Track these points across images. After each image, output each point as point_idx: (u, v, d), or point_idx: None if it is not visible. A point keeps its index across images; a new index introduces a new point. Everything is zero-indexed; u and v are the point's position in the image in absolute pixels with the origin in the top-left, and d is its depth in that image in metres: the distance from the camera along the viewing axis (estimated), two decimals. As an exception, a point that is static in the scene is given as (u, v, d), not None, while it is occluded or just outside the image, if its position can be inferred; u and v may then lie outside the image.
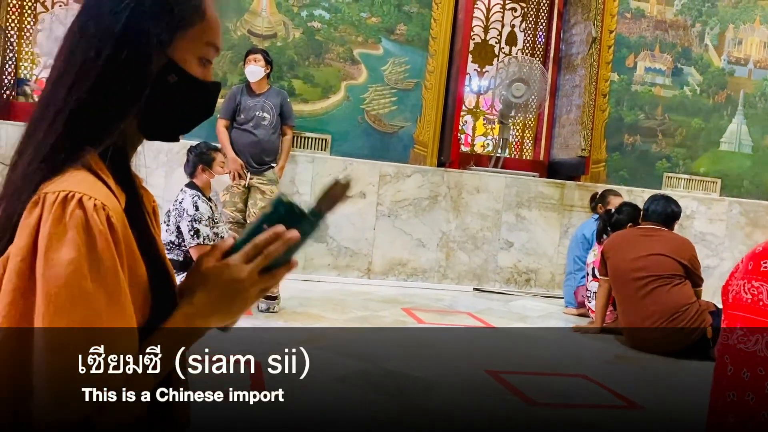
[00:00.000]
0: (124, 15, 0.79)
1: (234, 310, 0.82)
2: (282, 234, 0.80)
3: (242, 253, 0.80)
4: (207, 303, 0.80)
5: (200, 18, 0.85)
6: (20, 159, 0.78)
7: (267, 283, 0.82)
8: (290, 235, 0.80)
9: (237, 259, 0.80)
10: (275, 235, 0.80)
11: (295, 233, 0.80)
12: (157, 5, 0.80)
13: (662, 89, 6.20)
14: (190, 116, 0.89)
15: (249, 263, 0.80)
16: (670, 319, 3.66)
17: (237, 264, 0.80)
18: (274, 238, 0.80)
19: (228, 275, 0.80)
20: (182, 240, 3.61)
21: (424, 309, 4.41)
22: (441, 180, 5.51)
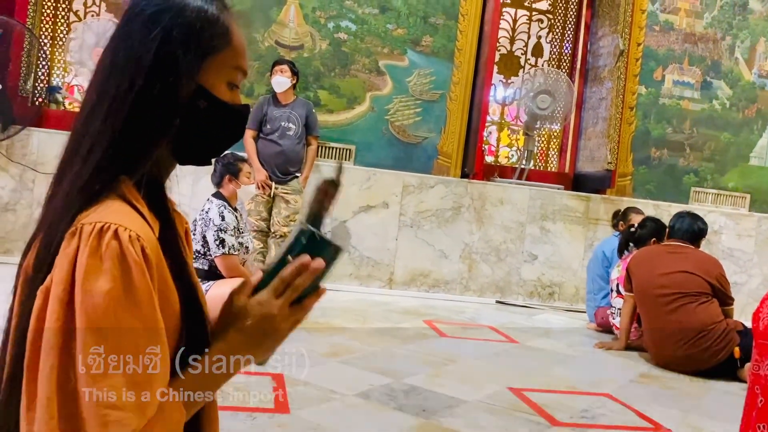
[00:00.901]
0: (154, 45, 0.80)
1: (268, 346, 0.83)
2: (308, 264, 0.81)
3: (271, 288, 0.81)
4: (241, 341, 0.81)
5: (227, 44, 0.86)
6: (57, 189, 0.80)
7: (298, 315, 0.82)
8: (316, 265, 0.81)
9: (267, 295, 0.81)
10: (302, 266, 0.80)
11: (321, 262, 0.81)
12: (185, 34, 0.82)
13: (691, 103, 6.12)
14: (221, 140, 0.91)
15: (279, 298, 0.81)
16: (696, 338, 3.60)
17: (267, 300, 0.81)
18: (300, 270, 0.81)
19: (259, 312, 0.81)
20: (208, 249, 3.65)
21: (446, 321, 4.39)
22: (464, 191, 5.50)
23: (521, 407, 2.69)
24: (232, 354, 0.81)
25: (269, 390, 2.50)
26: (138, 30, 0.81)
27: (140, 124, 0.79)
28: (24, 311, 0.74)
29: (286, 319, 0.81)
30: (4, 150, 4.77)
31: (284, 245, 0.84)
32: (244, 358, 0.82)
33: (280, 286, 0.81)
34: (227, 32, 0.86)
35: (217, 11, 0.85)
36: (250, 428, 2.13)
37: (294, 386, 2.58)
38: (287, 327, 0.82)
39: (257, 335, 0.81)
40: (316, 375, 2.75)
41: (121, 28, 0.84)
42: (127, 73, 0.80)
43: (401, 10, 5.48)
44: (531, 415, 2.60)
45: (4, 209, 4.82)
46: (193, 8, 0.83)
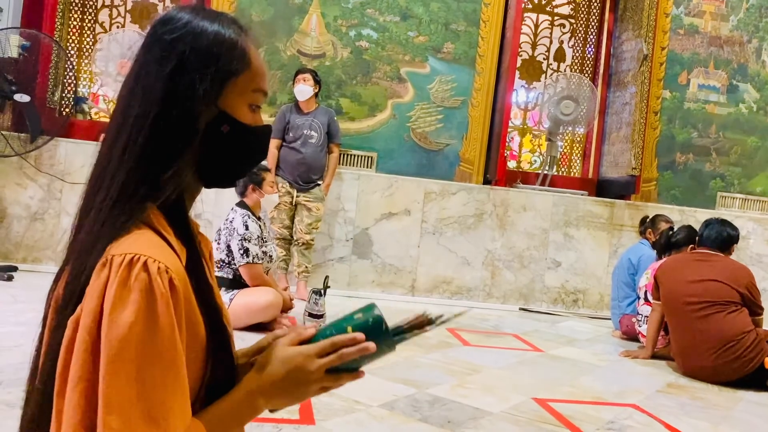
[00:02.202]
0: (170, 72, 0.81)
1: (292, 398, 0.84)
2: (360, 341, 0.82)
3: (318, 346, 0.83)
4: (271, 383, 0.82)
5: (246, 67, 0.87)
6: (84, 219, 0.81)
7: (330, 383, 0.84)
8: (368, 346, 0.82)
9: (311, 350, 0.82)
10: (353, 340, 0.82)
11: (372, 345, 0.82)
12: (202, 60, 0.83)
13: (716, 107, 6.04)
14: (245, 162, 0.92)
15: (321, 358, 0.82)
16: (726, 347, 3.54)
17: (310, 355, 0.82)
18: (351, 343, 0.82)
19: (298, 362, 0.82)
20: (232, 258, 3.68)
21: (470, 330, 4.37)
22: (487, 198, 5.48)
23: (547, 419, 2.66)
24: (260, 394, 0.82)
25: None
26: (155, 58, 0.82)
27: (159, 151, 0.80)
28: (54, 340, 0.75)
29: (318, 381, 0.83)
30: (33, 160, 4.86)
31: (349, 314, 0.85)
32: (270, 400, 0.83)
33: (327, 348, 0.82)
34: (245, 55, 0.87)
35: (234, 35, 0.86)
36: (276, 440, 2.13)
37: (318, 397, 2.58)
38: (315, 389, 0.83)
39: (287, 383, 0.82)
40: (340, 385, 2.75)
41: (141, 55, 0.85)
42: (144, 101, 0.81)
43: (422, 18, 5.48)
44: (557, 427, 2.57)
45: (32, 219, 4.90)
46: (210, 33, 0.84)
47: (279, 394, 0.83)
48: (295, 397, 0.84)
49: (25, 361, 0.82)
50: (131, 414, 0.69)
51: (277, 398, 0.83)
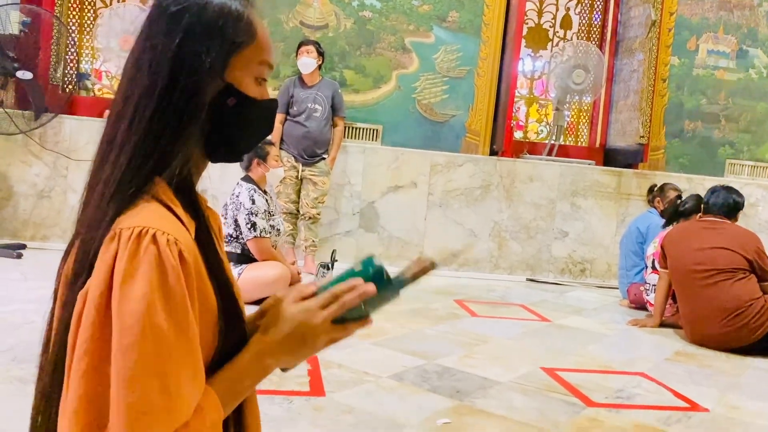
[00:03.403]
0: (176, 45, 0.80)
1: (300, 354, 0.84)
2: (359, 286, 0.81)
3: (320, 299, 0.82)
4: (278, 342, 0.82)
5: (252, 39, 0.86)
6: (91, 194, 0.81)
7: (337, 333, 0.83)
8: (366, 288, 0.81)
9: (314, 304, 0.82)
10: (353, 286, 0.81)
11: (372, 287, 0.81)
12: (208, 32, 0.81)
13: (726, 72, 5.95)
14: (251, 136, 0.91)
15: (324, 310, 0.82)
16: (734, 315, 3.54)
17: (312, 309, 0.82)
18: (351, 289, 0.81)
19: (303, 318, 0.82)
20: (240, 233, 3.68)
21: (477, 301, 4.39)
22: (493, 169, 5.45)
23: (555, 388, 2.68)
24: (268, 354, 0.82)
25: (304, 373, 2.53)
26: (160, 30, 0.81)
27: (166, 124, 0.79)
28: (64, 315, 0.75)
29: (326, 332, 0.82)
30: (38, 138, 4.85)
31: (349, 268, 0.85)
32: (278, 359, 0.83)
33: (328, 299, 0.82)
34: (251, 27, 0.86)
35: (240, 7, 0.85)
36: (287, 411, 2.16)
37: (328, 369, 2.61)
38: (323, 341, 0.83)
39: (294, 340, 0.82)
40: (349, 357, 2.78)
41: (145, 29, 0.83)
42: (150, 74, 0.80)
43: (426, -14, 5.40)
44: (565, 395, 2.59)
45: (39, 196, 4.91)
46: (215, 5, 0.83)
47: (287, 352, 0.83)
48: (304, 352, 0.83)
49: (37, 337, 0.82)
50: (147, 387, 0.69)
51: (285, 356, 0.83)
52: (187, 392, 0.73)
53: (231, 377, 0.81)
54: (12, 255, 4.34)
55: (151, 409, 0.69)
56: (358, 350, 2.92)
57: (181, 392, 0.72)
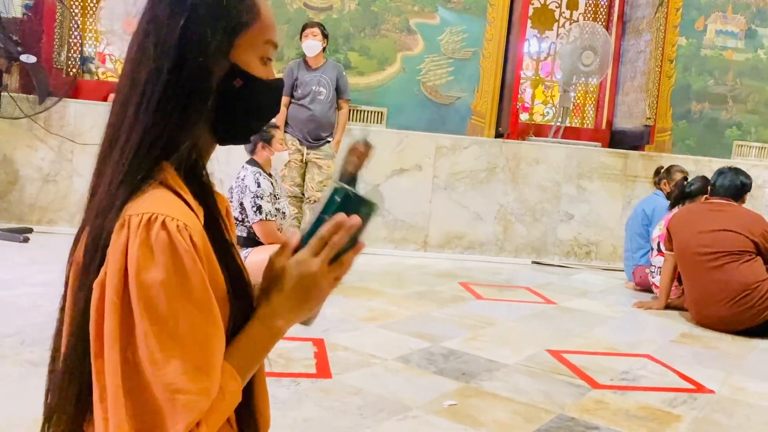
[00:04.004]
0: (180, 27, 0.79)
1: (311, 305, 0.84)
2: (344, 222, 0.81)
3: (309, 247, 0.82)
4: (283, 302, 0.82)
5: (256, 18, 0.85)
6: (99, 181, 0.80)
7: (338, 271, 0.83)
8: (353, 221, 0.81)
9: (305, 254, 0.82)
10: (338, 224, 0.81)
11: (357, 219, 0.81)
12: (212, 12, 0.81)
13: (734, 53, 5.89)
14: (259, 117, 0.91)
15: (317, 256, 0.81)
16: (740, 297, 3.53)
17: (306, 259, 0.81)
18: (337, 228, 0.81)
19: (299, 271, 0.81)
20: (245, 216, 3.68)
21: (482, 284, 4.39)
22: (499, 151, 5.43)
23: (561, 370, 2.69)
24: (276, 316, 0.82)
25: (311, 356, 2.55)
26: (164, 12, 0.80)
27: (174, 108, 0.79)
28: (78, 303, 0.75)
29: (326, 276, 0.82)
30: (42, 122, 4.85)
31: (319, 205, 0.85)
32: (288, 318, 0.83)
33: (317, 244, 0.82)
34: (255, 6, 0.85)
35: None
36: (294, 394, 2.17)
37: (335, 351, 2.62)
38: (328, 284, 0.83)
39: (299, 294, 0.82)
40: (355, 340, 2.79)
41: (148, 11, 0.82)
42: (155, 57, 0.79)
43: (431, -34, 5.34)
44: (571, 377, 2.60)
45: (45, 180, 4.92)
46: None
47: (294, 308, 0.83)
48: (312, 303, 0.83)
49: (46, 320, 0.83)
50: (176, 367, 0.70)
51: (293, 312, 0.83)
52: (218, 369, 0.74)
53: (242, 347, 0.81)
54: (18, 239, 4.36)
55: (187, 388, 0.70)
56: (364, 333, 2.93)
57: (214, 369, 0.73)
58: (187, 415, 0.70)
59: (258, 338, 0.82)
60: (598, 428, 2.11)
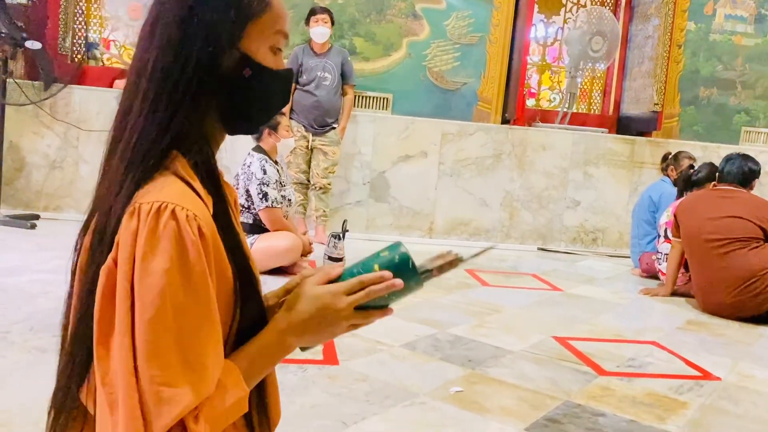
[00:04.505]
0: (191, 15, 0.79)
1: (322, 336, 0.84)
2: (387, 278, 0.81)
3: (346, 284, 0.82)
4: (300, 322, 0.82)
5: (267, 7, 0.84)
6: (109, 168, 0.80)
7: (359, 320, 0.83)
8: (395, 282, 0.81)
9: (340, 289, 0.82)
10: (381, 278, 0.81)
11: (400, 282, 0.82)
12: (222, 1, 0.80)
13: (743, 38, 5.82)
14: (268, 107, 0.90)
15: (350, 296, 0.81)
16: (747, 284, 3.52)
17: (338, 293, 0.82)
18: (379, 280, 0.81)
19: (327, 301, 0.82)
20: (251, 203, 3.69)
21: (488, 270, 4.39)
22: (505, 137, 5.40)
23: (567, 356, 2.69)
24: (290, 333, 0.82)
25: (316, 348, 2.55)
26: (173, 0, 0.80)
27: (183, 96, 0.78)
28: (84, 289, 0.76)
29: (348, 318, 0.82)
30: (48, 109, 4.85)
31: (375, 252, 0.85)
32: (299, 339, 0.83)
33: (356, 286, 0.82)
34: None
35: None
36: (302, 380, 2.18)
37: (341, 338, 2.62)
38: (344, 326, 0.83)
39: (317, 323, 0.82)
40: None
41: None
42: (164, 45, 0.79)
43: (437, -50, 5.29)
44: (577, 364, 2.60)
45: (51, 167, 4.93)
46: None
47: (309, 332, 0.83)
48: (325, 334, 0.84)
49: (54, 307, 0.83)
50: (169, 361, 0.70)
51: (307, 336, 0.83)
52: (210, 366, 0.73)
53: (252, 353, 0.81)
54: (26, 226, 4.37)
55: (173, 381, 0.70)
56: (370, 319, 2.93)
57: (205, 366, 0.73)
58: (170, 408, 0.70)
59: (269, 347, 0.83)
60: (605, 415, 2.11)
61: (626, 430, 2.02)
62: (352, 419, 1.91)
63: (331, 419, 1.90)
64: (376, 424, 1.90)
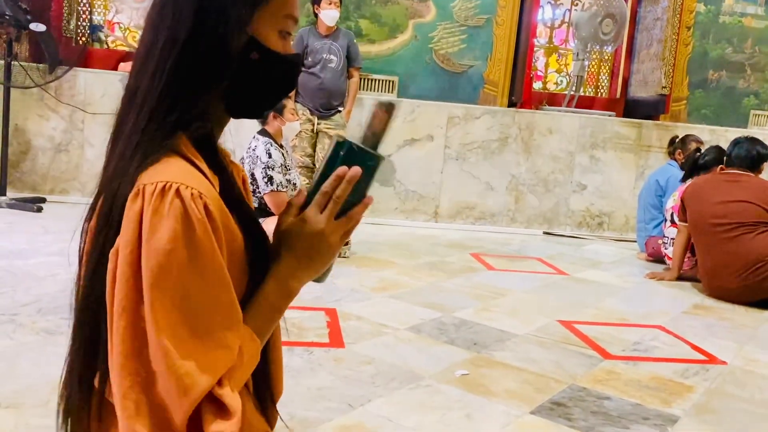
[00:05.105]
0: None
1: (322, 261, 0.83)
2: (344, 174, 0.80)
3: (314, 203, 0.81)
4: (294, 261, 0.82)
5: None
6: (114, 148, 0.80)
7: (346, 226, 0.83)
8: (353, 173, 0.80)
9: (311, 211, 0.81)
10: (338, 177, 0.80)
11: (357, 169, 0.80)
12: None
13: (753, 20, 5.75)
14: (274, 92, 0.89)
15: (323, 212, 0.81)
16: (754, 268, 3.51)
17: (312, 216, 0.81)
18: (338, 180, 0.80)
19: (307, 229, 0.81)
20: (257, 187, 3.68)
21: (493, 254, 4.39)
22: (511, 121, 5.37)
23: (572, 340, 2.69)
24: (288, 276, 0.82)
25: (323, 325, 2.56)
26: None
27: (189, 78, 0.78)
28: (90, 271, 0.75)
29: (335, 231, 0.82)
30: (53, 91, 4.84)
31: (323, 162, 0.83)
32: (299, 278, 0.83)
33: (322, 200, 0.81)
34: None
35: None
36: (308, 362, 2.19)
37: (347, 321, 2.64)
38: (337, 240, 0.82)
39: (308, 252, 0.82)
40: (367, 310, 2.80)
41: None
42: (173, 26, 0.78)
43: (444, -69, 5.22)
44: (582, 348, 2.60)
45: (57, 150, 4.93)
46: None
47: (306, 267, 0.83)
48: (322, 260, 0.83)
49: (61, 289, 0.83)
50: (180, 333, 0.71)
51: (305, 271, 0.83)
52: (221, 335, 0.74)
53: (257, 309, 0.82)
54: (32, 209, 4.38)
55: (188, 355, 0.71)
56: (375, 303, 2.94)
57: (215, 336, 0.73)
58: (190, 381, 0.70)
59: (272, 299, 0.82)
60: (610, 398, 2.11)
61: (631, 413, 2.02)
62: (358, 401, 1.92)
63: (337, 401, 1.91)
64: (382, 407, 1.91)
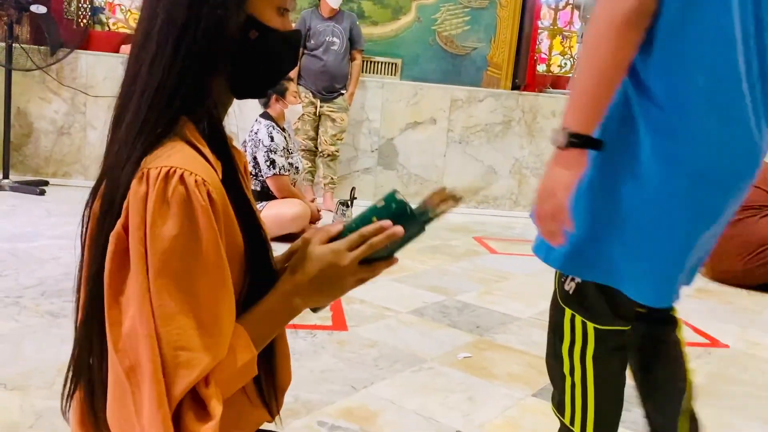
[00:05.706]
0: None
1: (329, 295, 0.84)
2: (387, 228, 0.80)
3: (347, 240, 0.81)
4: (306, 283, 0.81)
5: None
6: (116, 132, 0.79)
7: (365, 274, 0.83)
8: (395, 230, 0.80)
9: (341, 245, 0.81)
10: (381, 228, 0.80)
11: (400, 229, 0.80)
12: None
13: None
14: (276, 70, 0.88)
15: (352, 251, 0.80)
16: (757, 251, 3.50)
17: (340, 250, 0.81)
18: (379, 231, 0.80)
19: (330, 259, 0.81)
20: (259, 170, 3.68)
21: (496, 238, 4.39)
22: (515, 104, 5.34)
23: (575, 323, 2.69)
24: (296, 295, 0.82)
25: (327, 308, 2.57)
26: None
27: (189, 60, 0.77)
28: (92, 254, 0.75)
29: (353, 274, 0.81)
30: (55, 74, 4.82)
31: (371, 205, 0.84)
32: (305, 300, 0.83)
33: (356, 240, 0.81)
34: None
35: None
36: (311, 345, 2.20)
37: (350, 304, 2.64)
38: (351, 282, 0.82)
39: (321, 280, 0.81)
40: (370, 293, 2.80)
41: None
42: (170, 7, 0.77)
43: None
44: (585, 331, 2.61)
45: (59, 133, 4.92)
46: None
47: (315, 292, 0.82)
48: (332, 293, 0.83)
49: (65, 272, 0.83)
50: (182, 323, 0.70)
51: (313, 296, 0.83)
52: (225, 330, 0.74)
53: (259, 316, 0.81)
54: (35, 192, 4.39)
55: (190, 345, 0.71)
56: (378, 286, 2.95)
57: (220, 328, 0.73)
58: (188, 372, 0.70)
59: (275, 311, 0.82)
60: (612, 381, 2.12)
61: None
62: (361, 384, 1.93)
63: (341, 384, 1.92)
64: (385, 389, 1.92)
